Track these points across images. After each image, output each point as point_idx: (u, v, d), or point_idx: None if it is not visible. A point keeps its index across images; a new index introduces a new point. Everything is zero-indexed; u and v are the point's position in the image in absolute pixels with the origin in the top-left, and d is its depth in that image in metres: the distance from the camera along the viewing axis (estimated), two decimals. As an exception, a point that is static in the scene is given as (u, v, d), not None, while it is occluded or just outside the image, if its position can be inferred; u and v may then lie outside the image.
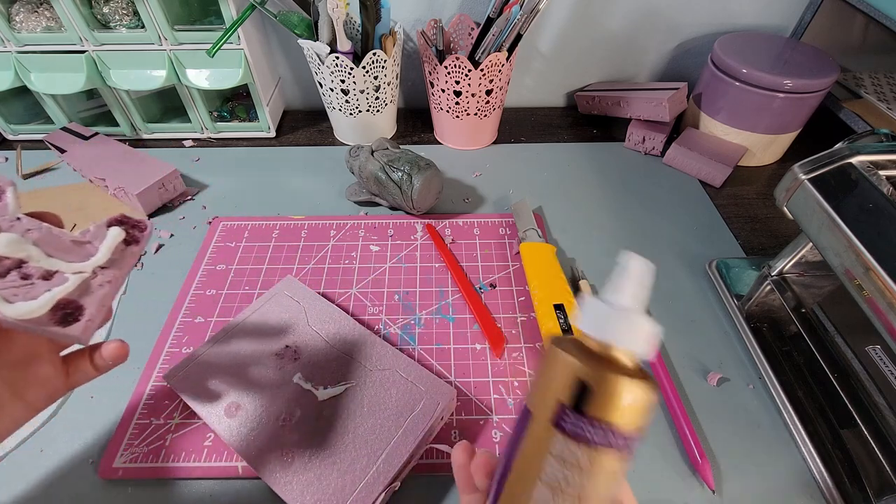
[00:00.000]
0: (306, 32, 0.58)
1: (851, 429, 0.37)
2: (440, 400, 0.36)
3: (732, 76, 0.60)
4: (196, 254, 0.52)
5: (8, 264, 0.26)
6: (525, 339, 0.45)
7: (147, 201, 0.55)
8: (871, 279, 0.33)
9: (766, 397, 0.41)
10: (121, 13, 0.58)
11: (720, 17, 0.69)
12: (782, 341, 0.44)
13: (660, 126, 0.66)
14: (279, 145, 0.69)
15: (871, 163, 0.38)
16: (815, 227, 0.38)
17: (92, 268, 0.27)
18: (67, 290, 0.26)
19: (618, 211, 0.58)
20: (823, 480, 0.36)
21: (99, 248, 0.28)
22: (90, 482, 0.35)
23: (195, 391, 0.37)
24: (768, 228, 0.56)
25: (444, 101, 0.63)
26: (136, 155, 0.59)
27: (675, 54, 0.74)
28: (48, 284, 0.26)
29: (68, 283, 0.26)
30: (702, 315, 0.47)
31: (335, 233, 0.55)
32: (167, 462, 0.36)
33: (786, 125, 0.61)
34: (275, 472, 0.33)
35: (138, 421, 0.38)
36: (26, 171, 0.61)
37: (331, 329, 0.42)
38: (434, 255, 0.52)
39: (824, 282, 0.48)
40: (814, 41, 0.67)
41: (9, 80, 0.60)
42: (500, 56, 0.57)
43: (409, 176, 0.51)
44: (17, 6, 0.58)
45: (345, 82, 0.60)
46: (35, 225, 0.27)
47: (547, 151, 0.68)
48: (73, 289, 0.27)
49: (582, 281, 0.49)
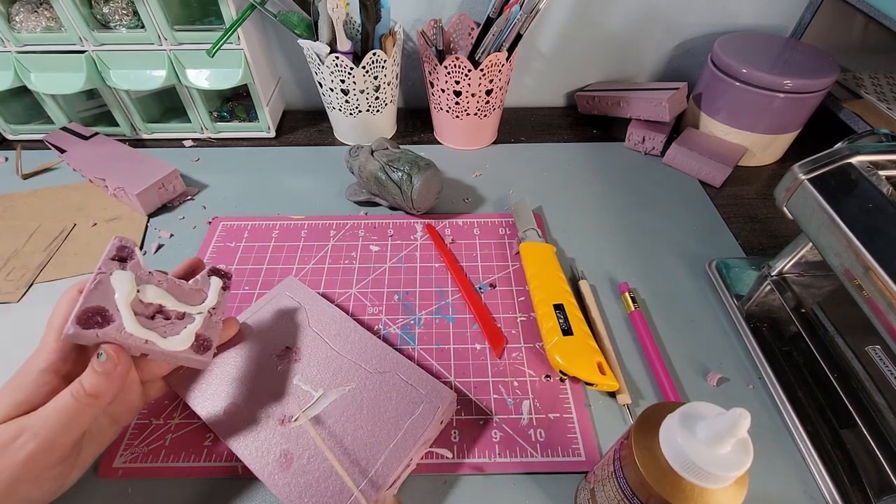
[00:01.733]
0: (306, 32, 0.58)
1: (851, 429, 0.37)
2: (440, 403, 0.36)
3: (732, 76, 0.60)
4: (196, 254, 0.52)
5: (153, 309, 0.32)
6: (525, 339, 0.45)
7: (147, 201, 0.55)
8: (870, 279, 0.33)
9: (765, 397, 0.41)
10: (121, 13, 0.58)
11: (720, 17, 0.69)
12: (782, 341, 0.44)
13: (660, 126, 0.66)
14: (279, 145, 0.69)
15: (871, 163, 0.38)
16: (814, 227, 0.38)
17: (207, 308, 0.35)
18: (198, 326, 0.34)
19: (618, 211, 0.58)
20: (823, 480, 0.36)
21: (208, 294, 0.36)
22: (90, 482, 0.35)
23: (195, 391, 0.37)
24: (768, 228, 0.56)
25: (443, 101, 0.63)
26: (136, 155, 0.59)
27: (675, 54, 0.74)
28: (183, 323, 0.33)
29: (196, 321, 0.34)
30: (702, 315, 0.47)
31: (335, 233, 0.55)
32: (167, 462, 0.36)
33: (786, 125, 0.61)
34: (273, 474, 0.33)
35: (138, 421, 0.38)
36: (26, 171, 0.61)
37: (332, 331, 0.41)
38: (434, 255, 0.52)
39: (824, 282, 0.48)
40: (814, 41, 0.67)
41: (9, 80, 0.60)
42: (500, 56, 0.57)
43: (409, 176, 0.51)
44: (17, 6, 0.58)
45: (345, 82, 0.60)
46: (162, 277, 0.34)
47: (547, 151, 0.68)
48: (201, 325, 0.34)
49: (582, 281, 0.49)
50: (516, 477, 0.36)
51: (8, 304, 0.47)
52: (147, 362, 0.34)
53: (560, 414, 0.39)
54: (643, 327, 0.45)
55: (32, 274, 0.49)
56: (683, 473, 0.22)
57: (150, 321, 0.32)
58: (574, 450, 0.37)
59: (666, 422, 0.24)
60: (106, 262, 0.32)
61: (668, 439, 0.23)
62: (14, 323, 0.46)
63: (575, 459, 0.37)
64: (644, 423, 0.25)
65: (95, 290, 0.30)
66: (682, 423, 0.23)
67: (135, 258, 0.33)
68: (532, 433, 0.38)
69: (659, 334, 0.45)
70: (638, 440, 0.25)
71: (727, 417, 0.21)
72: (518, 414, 0.39)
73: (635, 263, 0.51)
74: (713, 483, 0.22)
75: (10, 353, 0.30)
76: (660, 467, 0.23)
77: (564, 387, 0.41)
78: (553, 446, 0.37)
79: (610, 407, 0.40)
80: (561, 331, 0.42)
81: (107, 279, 0.31)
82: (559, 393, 0.41)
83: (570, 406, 0.40)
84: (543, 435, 0.38)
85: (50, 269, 0.50)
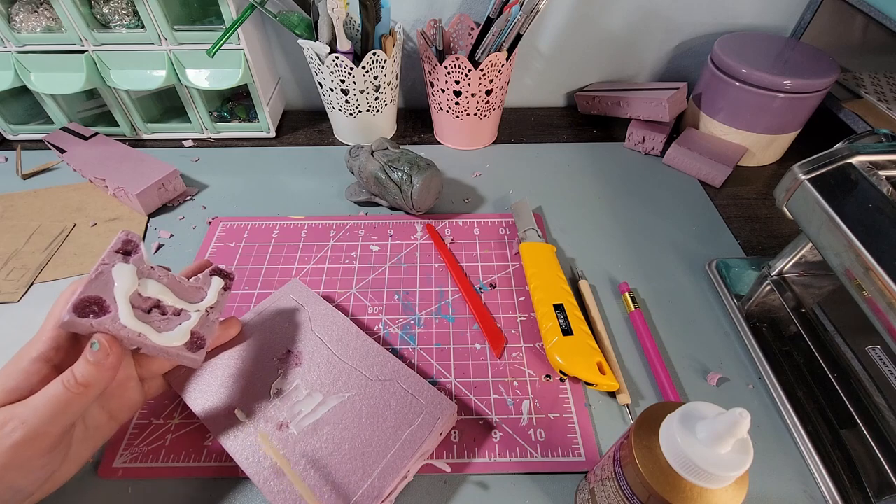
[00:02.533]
0: (306, 32, 0.58)
1: (851, 429, 0.37)
2: (440, 414, 0.35)
3: (732, 76, 0.60)
4: (196, 254, 0.52)
5: (151, 303, 0.32)
6: (525, 340, 0.45)
7: (146, 201, 0.55)
8: (870, 279, 0.33)
9: (765, 397, 0.41)
10: (121, 13, 0.58)
11: (720, 17, 0.69)
12: (782, 341, 0.44)
13: (660, 126, 0.66)
14: (279, 145, 0.69)
15: (871, 163, 0.38)
16: (814, 227, 0.38)
17: (205, 307, 0.35)
18: (194, 323, 0.34)
19: (618, 211, 0.58)
20: (823, 480, 0.36)
21: (208, 293, 0.36)
22: (90, 482, 0.35)
23: (195, 391, 0.37)
24: (768, 228, 0.56)
25: (443, 101, 0.63)
26: (136, 155, 0.59)
27: (675, 54, 0.74)
28: (179, 320, 0.33)
29: (192, 318, 0.34)
30: (702, 315, 0.47)
31: (335, 233, 0.55)
32: (167, 462, 0.36)
33: (786, 125, 0.61)
34: (269, 479, 0.33)
35: (138, 421, 0.38)
36: (26, 171, 0.61)
37: (334, 335, 0.41)
38: (434, 255, 0.52)
39: (824, 282, 0.48)
40: (814, 41, 0.67)
41: (9, 80, 0.60)
42: (500, 56, 0.57)
43: (409, 176, 0.51)
44: (17, 6, 0.58)
45: (345, 82, 0.60)
46: (164, 272, 0.34)
47: (547, 151, 0.68)
48: (197, 323, 0.34)
49: (582, 281, 0.49)
50: (516, 477, 0.36)
51: (8, 304, 0.47)
52: (147, 359, 0.34)
53: (560, 414, 0.39)
54: (643, 327, 0.45)
55: (32, 274, 0.49)
56: (683, 473, 0.22)
57: (147, 315, 0.32)
58: (574, 450, 0.37)
59: (666, 422, 0.24)
60: (110, 255, 0.32)
61: (668, 439, 0.23)
62: (14, 323, 0.46)
63: (575, 459, 0.37)
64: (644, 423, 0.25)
65: (96, 280, 0.31)
66: (682, 423, 0.23)
67: (139, 252, 0.33)
68: (532, 433, 0.38)
69: (659, 334, 0.45)
70: (638, 440, 0.25)
71: (727, 417, 0.21)
72: (518, 414, 0.39)
73: (635, 263, 0.51)
74: (713, 483, 0.22)
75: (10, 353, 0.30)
76: (660, 467, 0.23)
77: (564, 387, 0.41)
78: (553, 446, 0.37)
79: (610, 407, 0.40)
80: (561, 331, 0.42)
81: (108, 271, 0.31)
82: (559, 393, 0.41)
83: (570, 406, 0.40)
84: (543, 435, 0.38)
85: (50, 269, 0.50)
